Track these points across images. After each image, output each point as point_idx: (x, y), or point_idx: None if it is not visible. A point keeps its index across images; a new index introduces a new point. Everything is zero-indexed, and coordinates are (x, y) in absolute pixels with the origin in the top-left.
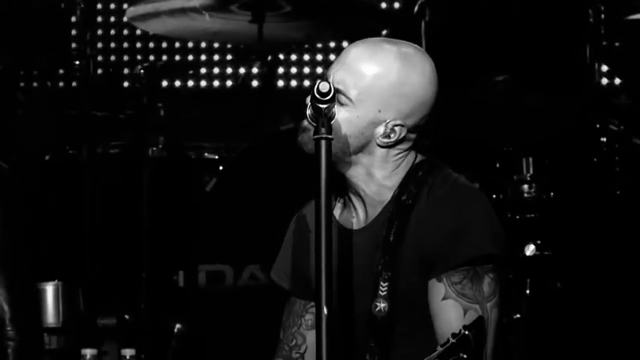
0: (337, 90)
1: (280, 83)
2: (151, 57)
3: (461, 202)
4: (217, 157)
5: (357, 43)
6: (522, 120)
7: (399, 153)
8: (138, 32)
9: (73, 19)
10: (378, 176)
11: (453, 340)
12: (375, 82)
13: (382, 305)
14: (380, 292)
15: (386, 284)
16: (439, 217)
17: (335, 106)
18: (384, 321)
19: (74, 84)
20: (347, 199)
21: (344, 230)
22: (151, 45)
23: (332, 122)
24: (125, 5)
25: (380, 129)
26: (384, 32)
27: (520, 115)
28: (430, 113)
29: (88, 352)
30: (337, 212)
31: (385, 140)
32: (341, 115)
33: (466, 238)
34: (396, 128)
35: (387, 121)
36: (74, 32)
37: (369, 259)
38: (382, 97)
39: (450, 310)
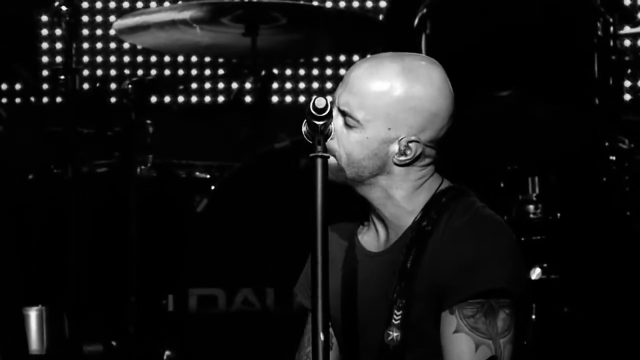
0: (343, 113)
1: (275, 99)
2: (140, 72)
3: (480, 233)
4: (208, 176)
5: (360, 62)
6: (528, 138)
7: (419, 171)
8: (126, 45)
9: (58, 31)
10: (397, 197)
11: None
12: (380, 100)
13: (394, 334)
14: (393, 321)
15: (400, 312)
16: (455, 247)
17: (345, 129)
18: (395, 351)
19: (58, 99)
20: (371, 222)
21: (364, 252)
22: (140, 59)
23: (349, 148)
24: (112, 18)
25: (395, 147)
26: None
27: (526, 133)
28: (447, 124)
29: None
30: (361, 234)
31: (402, 158)
32: (352, 138)
33: (481, 270)
34: (411, 144)
35: (400, 138)
36: (59, 45)
37: (385, 285)
38: (389, 114)
39: (462, 344)
